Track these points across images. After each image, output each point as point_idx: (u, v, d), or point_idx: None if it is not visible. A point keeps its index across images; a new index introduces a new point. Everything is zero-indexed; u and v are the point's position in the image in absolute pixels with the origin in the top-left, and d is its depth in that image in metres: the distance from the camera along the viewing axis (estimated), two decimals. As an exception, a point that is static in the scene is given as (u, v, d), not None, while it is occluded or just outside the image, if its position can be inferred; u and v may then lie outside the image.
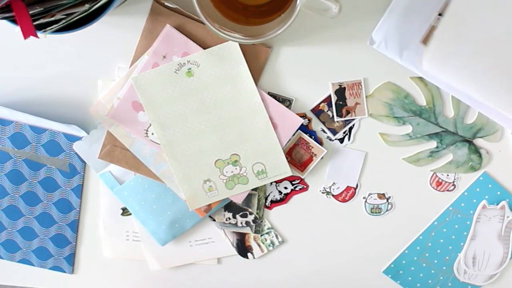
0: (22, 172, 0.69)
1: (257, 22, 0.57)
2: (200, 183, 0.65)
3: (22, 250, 0.72)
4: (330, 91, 0.64)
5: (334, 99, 0.64)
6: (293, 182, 0.68)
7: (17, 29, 0.47)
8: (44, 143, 0.68)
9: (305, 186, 0.68)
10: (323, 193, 0.68)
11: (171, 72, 0.62)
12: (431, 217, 0.69)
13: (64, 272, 0.74)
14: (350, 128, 0.66)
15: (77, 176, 0.69)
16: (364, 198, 0.68)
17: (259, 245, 0.71)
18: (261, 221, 0.70)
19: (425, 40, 0.61)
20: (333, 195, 0.68)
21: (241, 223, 0.69)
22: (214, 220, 0.70)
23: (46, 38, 0.52)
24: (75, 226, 0.72)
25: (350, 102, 0.64)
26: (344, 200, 0.69)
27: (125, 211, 0.70)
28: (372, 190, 0.68)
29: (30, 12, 0.48)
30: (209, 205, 0.67)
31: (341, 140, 0.66)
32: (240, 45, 0.62)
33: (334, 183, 0.68)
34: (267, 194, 0.69)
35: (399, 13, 0.60)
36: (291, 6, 0.55)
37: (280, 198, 0.69)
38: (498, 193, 0.68)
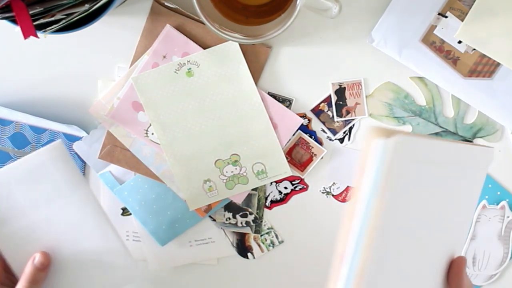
0: (22, 172, 0.69)
1: (257, 22, 0.57)
2: (200, 183, 0.65)
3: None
4: (330, 91, 0.64)
5: (334, 99, 0.64)
6: (293, 182, 0.68)
7: (17, 29, 0.47)
8: (44, 143, 0.68)
9: (305, 186, 0.68)
10: (323, 193, 0.68)
11: (171, 72, 0.62)
12: (431, 217, 0.69)
13: (64, 272, 0.74)
14: (350, 128, 0.66)
15: (77, 176, 0.69)
16: (364, 198, 0.68)
17: (259, 245, 0.71)
18: (261, 221, 0.70)
19: (425, 39, 0.61)
20: (333, 195, 0.68)
21: (241, 223, 0.69)
22: (214, 220, 0.70)
23: (46, 38, 0.52)
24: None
25: (350, 102, 0.64)
26: (344, 200, 0.69)
27: (125, 211, 0.70)
28: (372, 190, 0.68)
29: (30, 12, 0.48)
30: (209, 205, 0.67)
31: (341, 140, 0.66)
32: (240, 45, 0.62)
33: (334, 183, 0.68)
34: (267, 194, 0.69)
35: (399, 12, 0.60)
36: (291, 6, 0.55)
37: (280, 198, 0.69)
38: (498, 193, 0.68)
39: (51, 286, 0.56)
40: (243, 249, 0.71)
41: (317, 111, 0.65)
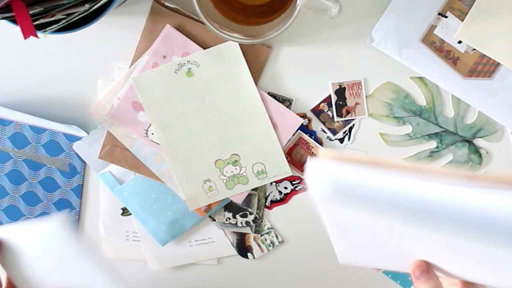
0: (22, 172, 0.69)
1: (257, 22, 0.57)
2: (200, 183, 0.65)
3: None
4: (330, 91, 0.64)
5: (334, 99, 0.64)
6: (293, 182, 0.68)
7: (17, 29, 0.47)
8: (44, 143, 0.68)
9: (305, 186, 0.68)
10: None
11: (171, 72, 0.62)
12: (431, 217, 0.69)
13: (64, 272, 0.74)
14: (350, 128, 0.66)
15: (77, 176, 0.69)
16: (364, 198, 0.68)
17: (259, 245, 0.71)
18: (261, 221, 0.70)
19: (425, 39, 0.61)
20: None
21: (241, 223, 0.69)
22: (214, 220, 0.70)
23: (46, 38, 0.52)
24: (75, 226, 0.72)
25: (350, 102, 0.64)
26: (344, 200, 0.69)
27: (125, 211, 0.70)
28: (372, 190, 0.68)
29: (30, 12, 0.48)
30: (209, 205, 0.67)
31: (341, 140, 0.66)
32: (240, 45, 0.62)
33: None
34: (267, 194, 0.69)
35: (399, 12, 0.61)
36: (291, 6, 0.55)
37: (280, 198, 0.69)
38: (498, 193, 0.67)
39: None
40: (243, 249, 0.71)
41: (317, 111, 0.65)
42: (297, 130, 0.65)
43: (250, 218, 0.69)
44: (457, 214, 0.35)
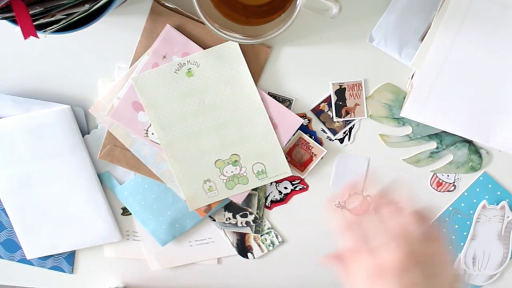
0: (22, 172, 0.69)
1: (257, 22, 0.57)
2: (200, 183, 0.65)
3: (21, 250, 0.72)
4: (330, 91, 0.64)
5: (334, 99, 0.64)
6: (293, 182, 0.68)
7: (17, 29, 0.47)
8: (44, 143, 0.68)
9: (305, 186, 0.68)
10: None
11: (171, 72, 0.62)
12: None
13: (64, 272, 0.74)
14: (350, 128, 0.66)
15: (77, 176, 0.69)
16: (364, 198, 0.68)
17: (259, 245, 0.71)
18: (261, 221, 0.70)
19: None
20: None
21: (241, 223, 0.69)
22: (214, 220, 0.70)
23: (46, 38, 0.52)
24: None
25: (349, 102, 0.64)
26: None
27: (125, 211, 0.70)
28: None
29: (30, 12, 0.48)
30: (209, 205, 0.67)
31: (341, 140, 0.66)
32: (240, 45, 0.62)
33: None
34: (267, 194, 0.69)
35: (399, 11, 0.61)
36: (291, 6, 0.55)
37: (280, 198, 0.69)
38: (498, 193, 0.68)
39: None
40: (243, 249, 0.71)
41: (317, 111, 0.65)
42: (297, 130, 0.65)
43: (250, 218, 0.69)
44: None
